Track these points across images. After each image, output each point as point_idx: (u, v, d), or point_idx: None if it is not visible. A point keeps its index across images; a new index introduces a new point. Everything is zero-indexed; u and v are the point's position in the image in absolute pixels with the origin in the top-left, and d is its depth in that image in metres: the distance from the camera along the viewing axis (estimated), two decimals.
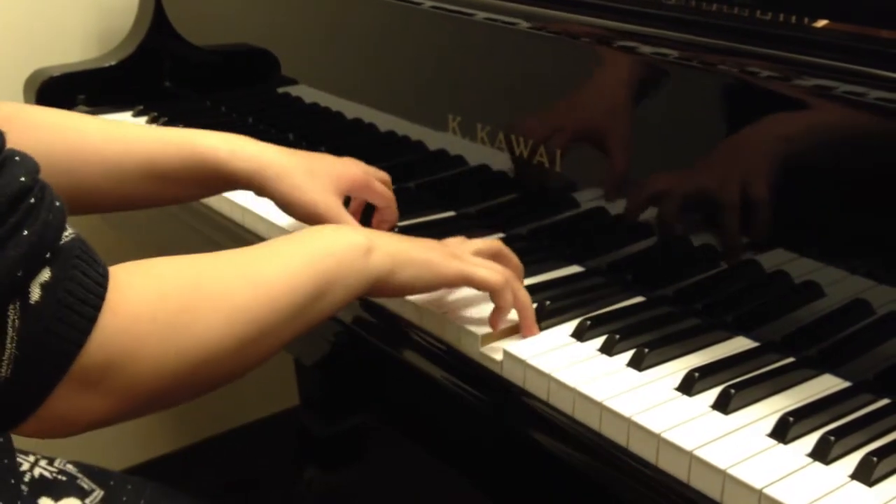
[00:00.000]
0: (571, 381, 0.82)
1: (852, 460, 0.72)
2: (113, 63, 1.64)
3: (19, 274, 0.59)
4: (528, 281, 0.99)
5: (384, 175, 1.09)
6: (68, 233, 0.63)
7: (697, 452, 0.73)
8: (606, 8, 1.00)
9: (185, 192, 1.01)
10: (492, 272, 0.88)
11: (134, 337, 0.65)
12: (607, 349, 0.87)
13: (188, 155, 0.96)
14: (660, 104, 0.97)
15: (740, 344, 0.89)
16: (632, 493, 0.76)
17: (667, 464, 0.75)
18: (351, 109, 1.35)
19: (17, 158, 0.62)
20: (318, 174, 0.99)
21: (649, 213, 0.98)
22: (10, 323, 0.59)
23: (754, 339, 0.90)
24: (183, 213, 1.30)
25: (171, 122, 1.50)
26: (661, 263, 0.98)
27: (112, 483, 0.87)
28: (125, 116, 1.56)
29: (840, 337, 0.87)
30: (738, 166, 0.91)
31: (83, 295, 0.62)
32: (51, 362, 0.61)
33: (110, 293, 0.64)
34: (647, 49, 0.95)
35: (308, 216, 0.98)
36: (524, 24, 1.06)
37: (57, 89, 1.57)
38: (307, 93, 1.43)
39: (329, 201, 0.98)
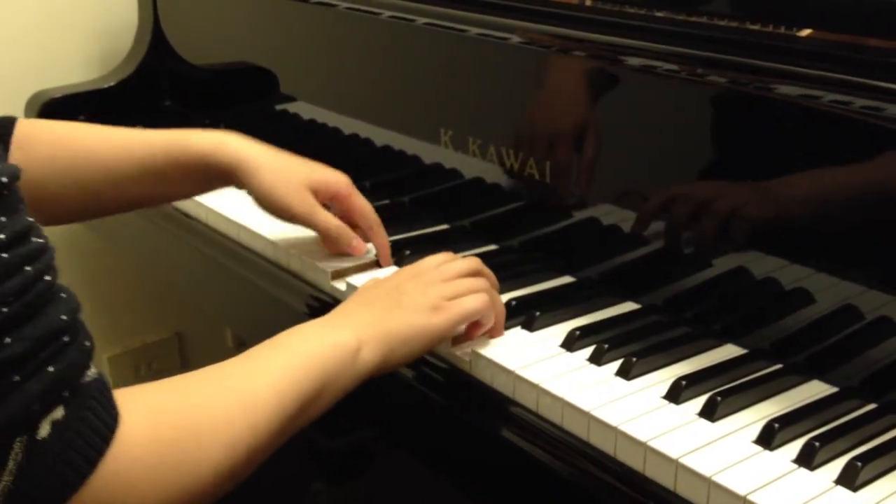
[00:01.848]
0: (560, 391, 0.83)
1: (837, 466, 0.73)
2: (113, 83, 1.65)
3: (35, 408, 0.60)
4: (520, 292, 1.00)
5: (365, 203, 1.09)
6: (91, 372, 0.64)
7: (683, 460, 0.74)
8: (595, 22, 1.01)
9: (179, 189, 1.06)
10: (476, 299, 0.88)
11: (128, 482, 0.64)
12: (596, 359, 0.88)
13: (179, 152, 1.00)
14: (648, 116, 0.98)
15: (729, 351, 0.90)
16: (618, 501, 0.76)
17: (654, 472, 0.75)
18: (348, 125, 1.36)
19: (62, 296, 0.63)
20: (296, 172, 1.03)
21: (641, 223, 0.99)
22: (12, 455, 0.59)
23: (744, 346, 0.90)
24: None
25: None
26: (651, 272, 0.99)
27: None
28: None
29: (829, 343, 0.87)
30: (728, 175, 0.92)
31: (90, 438, 0.62)
32: (45, 500, 0.61)
33: (114, 436, 0.64)
34: (636, 62, 0.96)
35: (281, 211, 1.03)
36: (515, 40, 1.07)
37: (58, 110, 1.59)
38: (305, 109, 1.45)
39: (303, 198, 1.02)
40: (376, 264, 1.08)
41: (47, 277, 0.62)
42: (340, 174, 1.08)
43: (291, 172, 1.03)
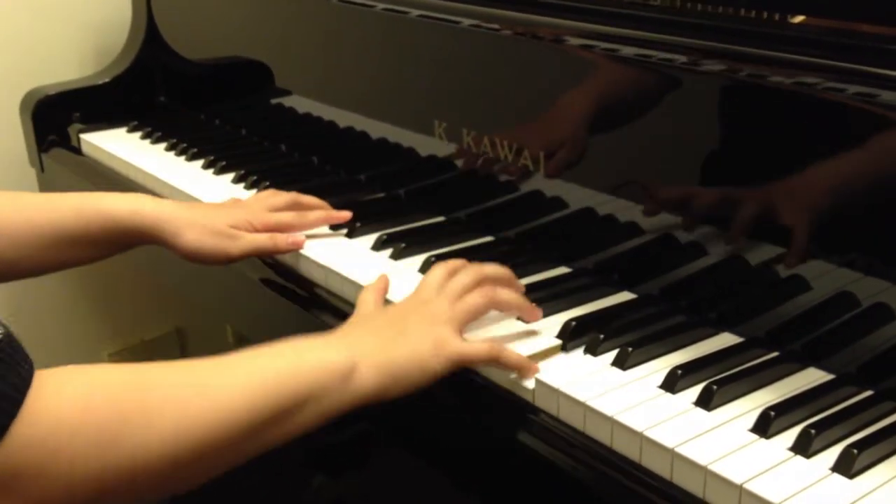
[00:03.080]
0: (556, 382, 0.83)
1: (833, 453, 0.73)
2: (107, 80, 1.65)
3: None
4: None
5: (284, 195, 1.14)
6: None
7: (679, 449, 0.73)
8: (586, 11, 1.01)
9: (93, 252, 1.05)
10: (479, 346, 0.85)
11: (48, 450, 0.62)
12: (591, 349, 0.87)
13: (91, 217, 1.01)
14: (643, 105, 0.97)
15: (725, 340, 0.90)
16: (616, 492, 0.76)
17: (650, 461, 0.75)
18: (343, 118, 1.36)
19: None
20: (217, 221, 1.05)
21: (636, 213, 0.99)
22: None
23: (740, 334, 0.90)
24: None
25: (166, 136, 1.52)
26: (647, 262, 0.99)
27: None
28: (120, 132, 1.58)
29: (825, 330, 0.87)
30: (723, 163, 0.92)
31: None
32: None
33: (31, 401, 0.61)
34: (628, 51, 0.96)
35: (217, 260, 1.04)
36: (508, 30, 1.07)
37: (52, 107, 1.59)
38: (300, 103, 1.44)
39: (232, 238, 1.04)
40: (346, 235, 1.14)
41: None
42: (254, 205, 1.12)
43: (212, 223, 1.04)
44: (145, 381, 0.69)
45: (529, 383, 0.84)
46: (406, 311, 0.87)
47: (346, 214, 1.14)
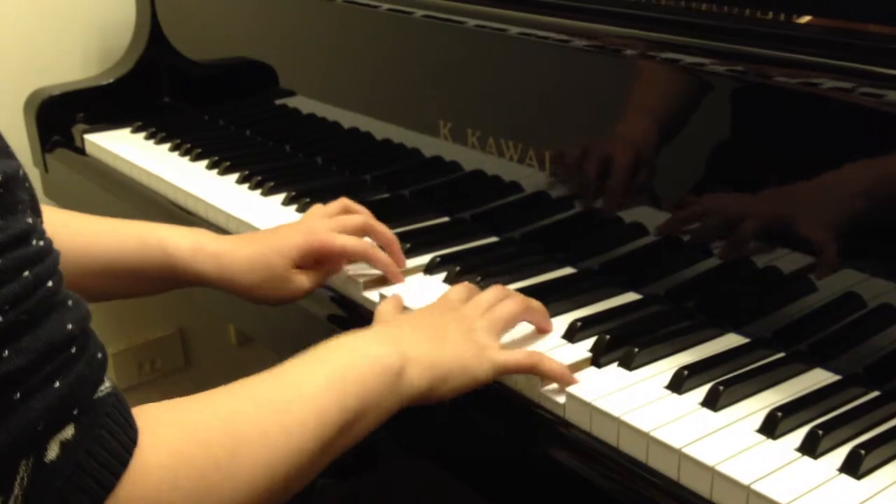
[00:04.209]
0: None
1: (841, 454, 0.72)
2: (111, 80, 1.65)
3: (40, 428, 0.54)
4: (521, 284, 1.00)
5: (356, 219, 1.03)
6: (105, 387, 0.58)
7: (686, 450, 0.73)
8: (592, 11, 1.01)
9: (142, 288, 0.99)
10: (518, 360, 0.83)
11: None
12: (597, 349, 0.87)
13: (151, 252, 0.94)
14: (648, 105, 0.97)
15: (731, 341, 0.90)
16: (623, 492, 0.76)
17: (657, 462, 0.75)
18: (347, 119, 1.36)
19: (69, 303, 0.58)
20: (273, 258, 0.96)
21: (642, 214, 0.98)
22: (18, 481, 0.54)
23: (746, 335, 0.90)
24: None
25: (170, 136, 1.52)
26: (652, 263, 0.99)
27: None
28: (124, 132, 1.58)
29: (831, 331, 0.87)
30: (730, 165, 0.91)
31: (105, 460, 0.56)
32: None
33: (134, 458, 0.58)
34: (634, 51, 0.96)
35: (277, 302, 0.98)
36: (514, 30, 1.07)
37: (56, 108, 1.59)
38: (304, 103, 1.44)
39: (291, 281, 0.96)
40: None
41: (49, 283, 0.56)
42: (315, 230, 0.99)
43: (272, 264, 0.96)
44: (227, 418, 0.65)
45: (534, 382, 0.84)
46: (440, 315, 0.85)
47: (401, 268, 1.05)
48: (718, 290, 0.94)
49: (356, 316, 1.01)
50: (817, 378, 0.84)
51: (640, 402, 0.80)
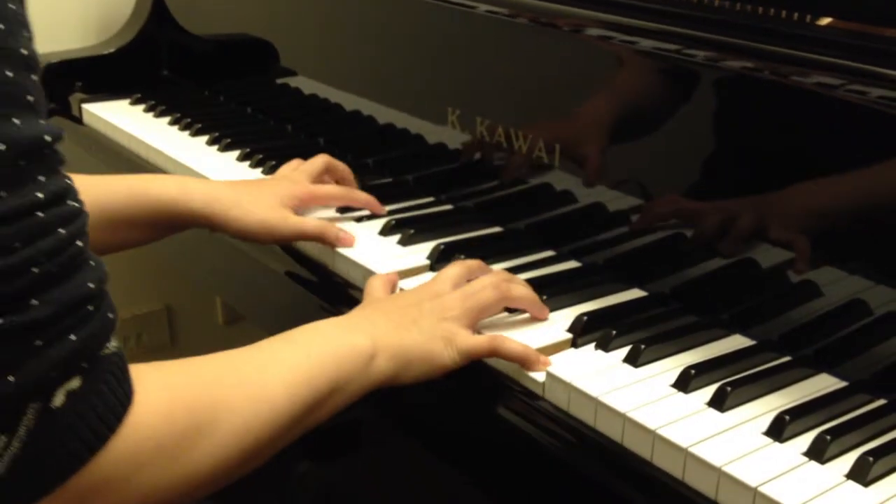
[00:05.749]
0: (567, 376, 0.82)
1: (848, 460, 0.72)
2: (111, 51, 1.63)
3: (53, 376, 0.58)
4: (525, 275, 0.99)
5: (318, 160, 1.14)
6: (111, 345, 0.62)
7: (692, 449, 0.73)
8: (607, 2, 1.00)
9: (146, 235, 1.03)
10: (481, 344, 0.84)
11: (137, 461, 0.63)
12: (603, 345, 0.86)
13: (140, 198, 1.00)
14: (658, 100, 0.97)
15: (737, 342, 0.89)
16: (627, 490, 0.75)
17: (662, 460, 0.75)
18: (350, 101, 1.34)
19: (91, 263, 0.61)
20: (263, 195, 1.04)
21: (649, 215, 0.98)
22: (24, 422, 0.57)
23: (751, 337, 0.89)
24: None
25: (170, 110, 1.50)
26: (658, 260, 0.98)
27: None
28: (123, 104, 1.56)
29: (837, 336, 0.86)
30: (737, 164, 0.91)
31: (103, 413, 0.60)
32: (51, 471, 0.59)
33: (127, 414, 0.62)
34: (647, 44, 0.95)
35: (265, 238, 1.03)
36: (525, 18, 1.06)
37: (55, 76, 1.57)
38: (306, 84, 1.43)
39: (278, 214, 1.03)
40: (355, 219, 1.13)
41: (79, 242, 0.60)
42: (299, 175, 1.11)
43: (261, 200, 1.03)
44: (209, 386, 0.69)
45: (539, 376, 0.83)
46: (419, 300, 0.87)
47: (383, 209, 1.14)
48: (724, 291, 0.93)
49: (339, 290, 1.03)
50: (824, 383, 0.83)
51: (646, 399, 0.79)
